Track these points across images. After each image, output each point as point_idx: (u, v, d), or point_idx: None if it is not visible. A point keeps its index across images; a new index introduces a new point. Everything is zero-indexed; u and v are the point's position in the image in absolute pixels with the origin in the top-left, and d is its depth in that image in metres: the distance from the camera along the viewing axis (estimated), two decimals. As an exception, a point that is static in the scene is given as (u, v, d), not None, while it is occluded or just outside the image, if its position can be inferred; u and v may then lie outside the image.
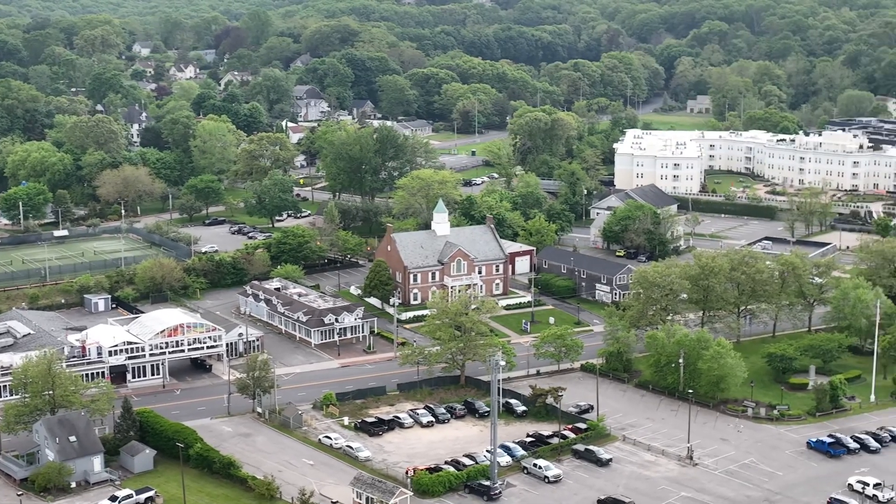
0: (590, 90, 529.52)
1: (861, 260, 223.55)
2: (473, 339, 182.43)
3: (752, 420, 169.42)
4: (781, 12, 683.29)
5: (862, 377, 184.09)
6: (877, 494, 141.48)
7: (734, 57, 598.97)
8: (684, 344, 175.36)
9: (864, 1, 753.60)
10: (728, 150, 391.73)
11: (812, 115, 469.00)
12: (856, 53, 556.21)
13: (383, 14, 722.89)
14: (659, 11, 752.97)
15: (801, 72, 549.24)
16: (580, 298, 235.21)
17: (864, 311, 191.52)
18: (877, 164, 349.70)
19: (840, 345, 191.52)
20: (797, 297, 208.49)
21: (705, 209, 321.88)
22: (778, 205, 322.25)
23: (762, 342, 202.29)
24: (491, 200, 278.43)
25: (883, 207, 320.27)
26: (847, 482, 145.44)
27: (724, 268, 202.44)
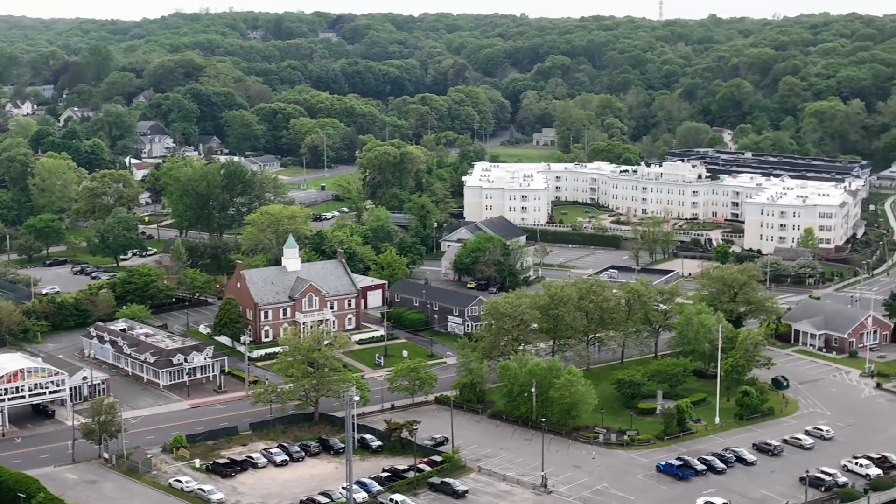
0: (438, 124, 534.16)
1: (702, 286, 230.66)
2: (327, 374, 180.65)
3: (603, 446, 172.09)
4: (621, 47, 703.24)
5: (707, 400, 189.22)
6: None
7: (577, 90, 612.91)
8: (536, 373, 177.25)
9: (698, 36, 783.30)
10: (574, 182, 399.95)
11: (653, 147, 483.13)
12: (692, 87, 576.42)
13: (228, 49, 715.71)
14: (503, 46, 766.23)
15: (641, 104, 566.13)
16: (433, 331, 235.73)
17: (707, 335, 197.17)
18: (715, 193, 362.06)
19: (685, 369, 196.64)
20: (643, 323, 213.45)
21: (553, 239, 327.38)
22: (623, 234, 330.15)
23: (611, 369, 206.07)
24: (342, 235, 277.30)
25: (722, 235, 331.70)
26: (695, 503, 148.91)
27: (573, 297, 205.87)
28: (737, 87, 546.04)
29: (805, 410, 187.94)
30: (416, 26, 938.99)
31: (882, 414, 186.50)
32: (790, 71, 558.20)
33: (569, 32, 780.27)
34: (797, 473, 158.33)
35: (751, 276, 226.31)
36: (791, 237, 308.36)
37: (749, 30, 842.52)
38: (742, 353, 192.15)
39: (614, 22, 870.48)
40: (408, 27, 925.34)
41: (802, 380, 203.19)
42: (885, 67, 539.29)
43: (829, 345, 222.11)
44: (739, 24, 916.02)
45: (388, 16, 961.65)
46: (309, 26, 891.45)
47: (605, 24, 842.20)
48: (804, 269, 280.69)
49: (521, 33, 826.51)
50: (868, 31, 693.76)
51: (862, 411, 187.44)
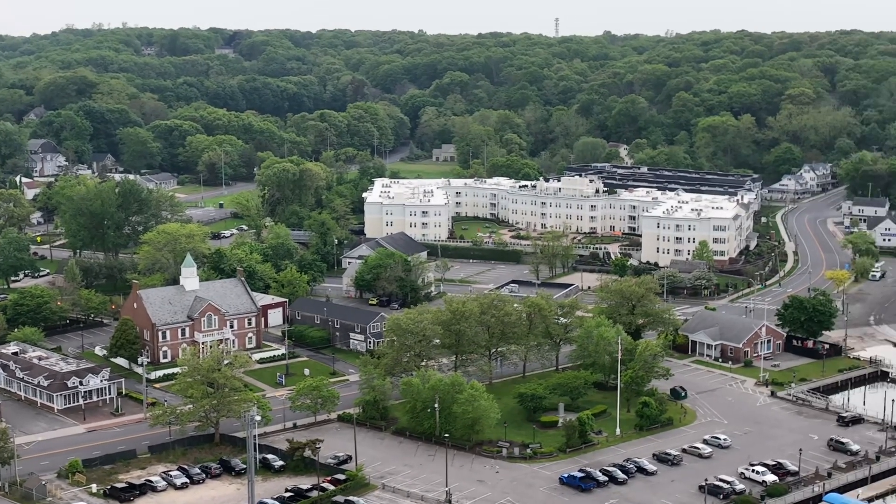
0: (337, 140, 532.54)
1: (602, 299, 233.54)
2: (227, 395, 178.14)
3: (506, 460, 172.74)
4: (518, 63, 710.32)
5: (607, 412, 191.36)
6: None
7: (476, 106, 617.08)
8: (439, 388, 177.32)
9: (593, 53, 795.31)
10: (474, 197, 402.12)
11: (551, 162, 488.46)
12: (588, 102, 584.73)
13: (122, 65, 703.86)
14: (402, 63, 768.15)
15: (539, 120, 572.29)
16: (335, 348, 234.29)
17: (607, 347, 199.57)
18: (612, 207, 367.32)
19: (586, 382, 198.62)
20: (544, 337, 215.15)
21: (454, 255, 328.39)
22: (523, 248, 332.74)
23: (513, 383, 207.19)
24: (241, 253, 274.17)
25: (619, 248, 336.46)
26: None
27: (475, 312, 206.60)
28: (632, 103, 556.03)
29: (703, 420, 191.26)
30: (313, 42, 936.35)
31: (777, 421, 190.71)
32: (683, 87, 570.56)
33: (467, 49, 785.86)
34: (696, 482, 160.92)
35: (648, 289, 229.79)
36: (687, 250, 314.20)
37: (643, 47, 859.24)
38: (641, 365, 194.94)
39: (511, 39, 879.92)
40: (305, 43, 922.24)
41: (700, 390, 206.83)
42: (773, 83, 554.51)
43: (724, 355, 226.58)
44: (633, 41, 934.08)
45: (286, 32, 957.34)
46: (205, 42, 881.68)
47: (503, 41, 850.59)
48: (700, 281, 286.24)
49: (419, 49, 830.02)
50: (757, 48, 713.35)
51: (757, 419, 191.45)
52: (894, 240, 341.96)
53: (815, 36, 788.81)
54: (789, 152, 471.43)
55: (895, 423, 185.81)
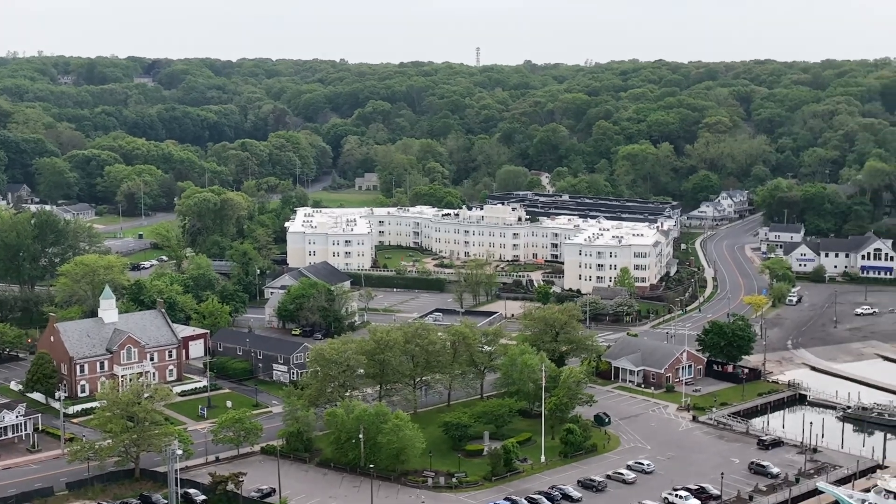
0: (259, 169, 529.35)
1: (525, 327, 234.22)
2: (147, 429, 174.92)
3: (432, 489, 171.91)
4: (440, 92, 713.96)
5: (532, 439, 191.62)
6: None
7: (398, 135, 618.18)
8: (363, 419, 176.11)
9: (514, 82, 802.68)
10: (397, 226, 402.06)
11: (474, 190, 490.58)
12: (510, 131, 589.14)
13: (38, 94, 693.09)
14: (324, 91, 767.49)
15: (462, 149, 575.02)
16: (258, 380, 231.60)
17: (531, 375, 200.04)
18: (534, 234, 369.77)
19: (511, 409, 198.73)
20: (469, 365, 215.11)
21: (378, 284, 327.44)
22: (446, 277, 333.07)
23: (438, 412, 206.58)
24: (161, 284, 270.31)
25: (542, 276, 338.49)
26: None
27: (399, 341, 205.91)
28: (553, 132, 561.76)
29: (627, 445, 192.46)
30: (234, 71, 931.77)
31: (699, 446, 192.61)
32: (603, 115, 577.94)
33: (388, 78, 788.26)
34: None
35: (571, 316, 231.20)
36: (608, 276, 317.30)
37: (563, 76, 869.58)
38: (565, 392, 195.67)
39: (433, 68, 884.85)
40: (226, 72, 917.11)
41: (623, 415, 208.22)
42: (691, 112, 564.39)
43: (647, 380, 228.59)
44: (554, 71, 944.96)
45: (206, 61, 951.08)
46: (123, 71, 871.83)
47: (425, 70, 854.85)
48: (622, 308, 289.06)
49: (341, 79, 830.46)
50: (674, 77, 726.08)
51: (680, 444, 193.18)
52: (810, 265, 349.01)
53: (730, 65, 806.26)
54: (707, 179, 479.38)
55: (814, 446, 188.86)
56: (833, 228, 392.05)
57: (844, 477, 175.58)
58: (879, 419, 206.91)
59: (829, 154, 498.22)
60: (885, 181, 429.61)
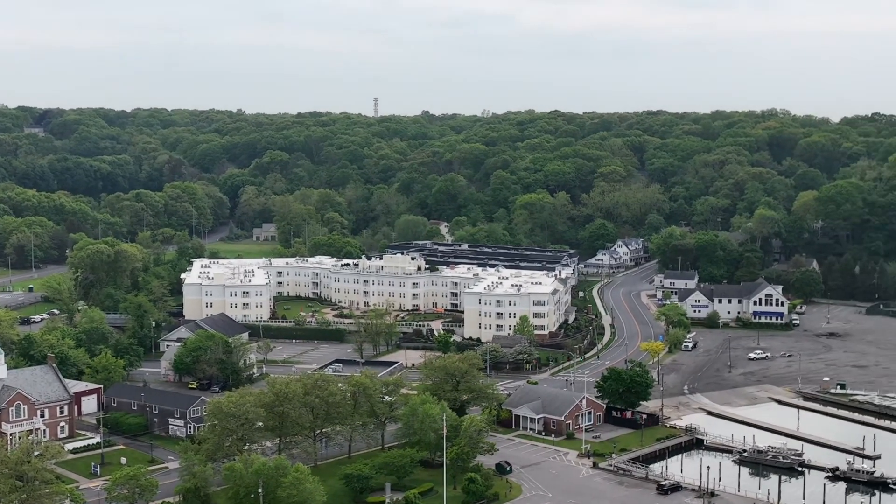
0: (154, 221, 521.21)
1: (426, 376, 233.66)
2: (38, 488, 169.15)
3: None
4: (339, 143, 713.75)
5: (434, 489, 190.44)
6: None
7: (297, 185, 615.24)
8: (262, 473, 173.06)
9: (412, 132, 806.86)
10: (296, 276, 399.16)
11: (373, 240, 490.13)
12: (409, 181, 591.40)
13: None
14: (220, 142, 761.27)
15: (361, 199, 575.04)
16: (153, 435, 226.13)
17: (432, 424, 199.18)
18: (434, 284, 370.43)
19: (412, 460, 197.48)
20: (370, 416, 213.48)
21: (277, 335, 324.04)
22: (346, 327, 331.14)
23: (339, 464, 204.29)
24: (52, 338, 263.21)
25: (442, 325, 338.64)
26: None
27: (298, 393, 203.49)
28: (451, 181, 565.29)
29: (528, 493, 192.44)
30: (128, 121, 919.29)
31: (599, 492, 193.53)
32: (500, 165, 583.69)
33: (286, 128, 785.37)
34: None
35: (472, 365, 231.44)
36: (508, 325, 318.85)
37: (461, 126, 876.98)
38: (466, 441, 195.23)
39: (331, 118, 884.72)
40: (120, 122, 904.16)
41: (524, 463, 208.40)
42: (586, 161, 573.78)
43: (547, 428, 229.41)
44: (451, 121, 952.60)
45: (99, 111, 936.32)
46: (13, 121, 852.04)
47: (322, 121, 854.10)
48: (521, 356, 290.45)
49: (238, 129, 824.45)
50: (570, 128, 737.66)
51: (581, 491, 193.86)
52: (704, 311, 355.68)
53: (623, 116, 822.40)
54: (603, 228, 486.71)
55: (712, 490, 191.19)
56: (725, 275, 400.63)
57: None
58: (774, 462, 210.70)
59: (721, 202, 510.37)
60: (774, 228, 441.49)
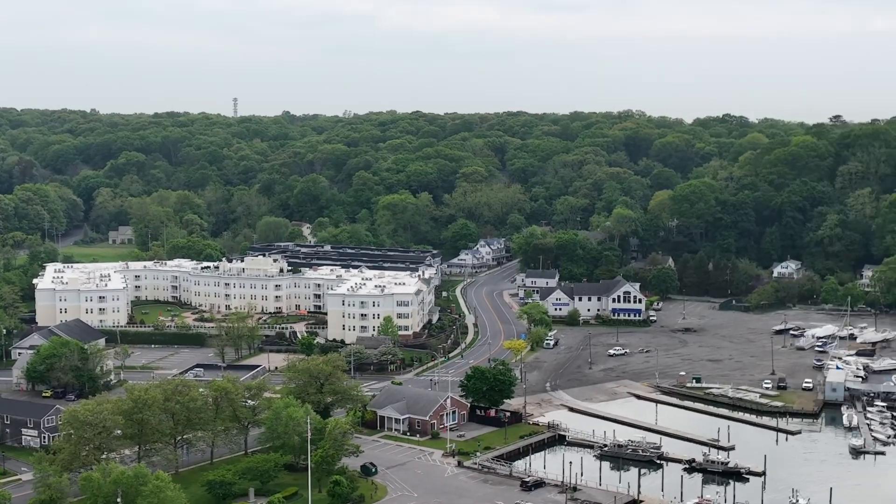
0: (4, 224, 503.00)
1: (289, 379, 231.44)
2: None
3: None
4: (197, 143, 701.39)
5: (299, 493, 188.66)
6: None
7: (154, 187, 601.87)
8: (121, 482, 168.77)
9: (273, 133, 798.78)
10: (154, 280, 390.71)
11: (234, 242, 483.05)
12: (270, 182, 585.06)
13: None
14: (73, 143, 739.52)
15: (220, 200, 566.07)
16: (5, 446, 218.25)
17: (296, 428, 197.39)
18: (297, 286, 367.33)
19: (276, 464, 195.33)
20: (232, 421, 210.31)
21: (135, 340, 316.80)
22: (207, 331, 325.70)
23: (201, 470, 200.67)
24: None
25: (306, 327, 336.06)
26: None
27: (158, 399, 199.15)
28: (313, 182, 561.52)
29: (394, 494, 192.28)
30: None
31: (464, 490, 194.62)
32: (363, 166, 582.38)
33: (143, 129, 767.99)
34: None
35: (336, 367, 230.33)
36: (372, 326, 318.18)
37: (322, 126, 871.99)
38: (331, 444, 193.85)
39: (189, 118, 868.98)
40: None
41: (390, 464, 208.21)
42: (448, 162, 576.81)
43: (412, 428, 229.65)
44: (313, 122, 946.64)
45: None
46: None
47: (180, 121, 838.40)
48: (386, 356, 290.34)
49: (91, 129, 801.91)
50: (431, 129, 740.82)
51: (446, 490, 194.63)
52: (565, 309, 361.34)
53: (484, 117, 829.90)
54: (466, 228, 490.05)
55: (574, 485, 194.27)
56: (585, 273, 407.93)
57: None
58: (634, 455, 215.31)
59: (580, 202, 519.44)
60: (631, 227, 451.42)
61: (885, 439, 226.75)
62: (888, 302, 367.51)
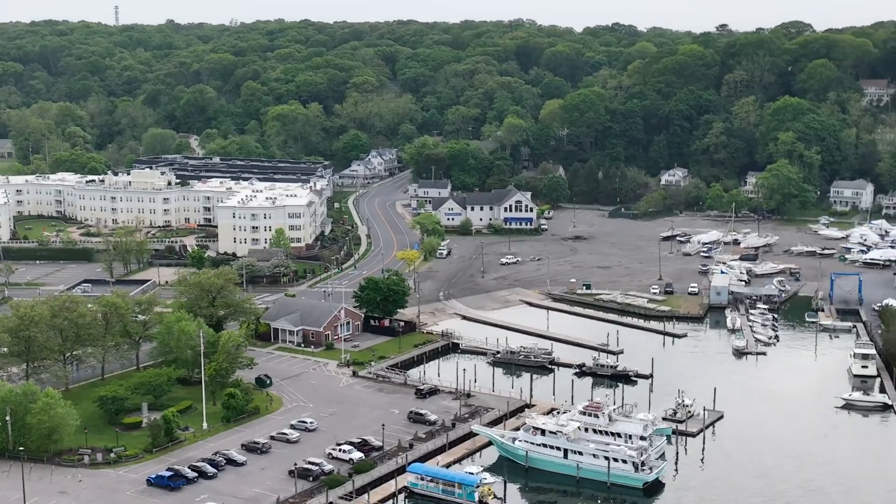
0: None
1: (181, 293, 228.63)
2: None
3: (89, 467, 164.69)
4: (78, 53, 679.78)
5: (193, 407, 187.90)
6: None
7: (33, 99, 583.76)
8: (10, 400, 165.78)
9: (157, 42, 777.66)
10: (37, 195, 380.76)
11: (119, 155, 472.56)
12: (155, 93, 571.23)
13: None
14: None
15: (104, 112, 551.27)
16: None
17: (189, 342, 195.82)
18: (186, 199, 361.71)
19: (169, 378, 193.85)
20: (123, 336, 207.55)
21: (18, 257, 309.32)
22: (94, 246, 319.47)
23: (92, 386, 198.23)
24: None
25: (196, 240, 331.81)
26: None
27: (45, 316, 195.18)
28: (200, 93, 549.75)
29: (289, 405, 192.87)
30: None
31: (360, 400, 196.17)
32: (251, 76, 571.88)
33: (19, 38, 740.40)
34: (286, 467, 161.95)
35: (228, 280, 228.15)
36: (264, 238, 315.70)
37: (208, 35, 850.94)
38: (225, 357, 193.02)
39: (69, 27, 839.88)
40: None
41: (285, 376, 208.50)
42: (338, 72, 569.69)
43: (306, 339, 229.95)
44: (198, 30, 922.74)
45: None
46: None
47: (59, 30, 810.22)
48: (278, 269, 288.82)
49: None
50: (321, 38, 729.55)
51: (341, 400, 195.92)
52: (457, 219, 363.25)
53: (374, 26, 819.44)
54: (357, 139, 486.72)
55: (468, 391, 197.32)
56: (477, 183, 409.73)
57: (496, 418, 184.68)
58: (526, 361, 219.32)
59: (471, 112, 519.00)
60: (522, 137, 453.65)
61: (766, 340, 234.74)
62: (771, 208, 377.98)
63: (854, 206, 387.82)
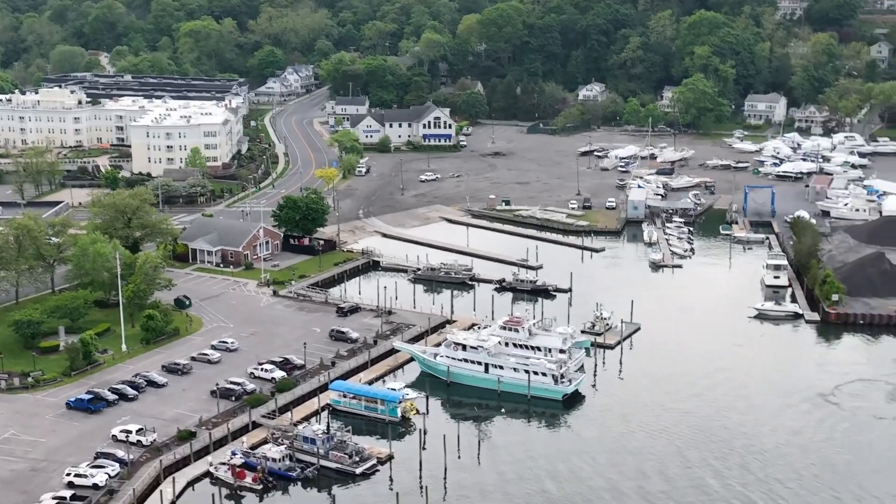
0: None
1: (95, 214, 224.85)
2: None
3: (7, 392, 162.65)
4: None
5: (112, 329, 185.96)
6: (140, 440, 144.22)
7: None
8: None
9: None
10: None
11: (26, 73, 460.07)
12: (62, 9, 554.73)
13: None
14: None
15: (8, 28, 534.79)
16: None
17: (105, 264, 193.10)
18: (98, 118, 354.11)
19: (86, 301, 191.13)
20: (36, 259, 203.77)
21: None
22: (3, 167, 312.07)
23: (6, 310, 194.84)
24: None
25: (109, 161, 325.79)
26: (111, 434, 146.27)
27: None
28: (109, 9, 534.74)
29: (209, 326, 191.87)
30: None
31: (280, 319, 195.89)
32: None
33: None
34: (208, 388, 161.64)
35: (143, 200, 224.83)
36: (179, 158, 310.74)
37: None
38: (142, 278, 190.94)
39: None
40: None
41: (204, 296, 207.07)
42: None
43: (225, 259, 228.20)
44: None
45: None
46: None
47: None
48: (195, 189, 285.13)
49: None
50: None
51: (262, 319, 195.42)
52: (376, 136, 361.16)
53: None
54: (272, 55, 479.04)
55: (389, 309, 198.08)
56: (395, 100, 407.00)
57: (418, 335, 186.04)
58: (446, 277, 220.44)
59: (388, 27, 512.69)
60: (440, 52, 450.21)
61: (681, 253, 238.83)
62: (686, 122, 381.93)
63: (767, 120, 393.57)
